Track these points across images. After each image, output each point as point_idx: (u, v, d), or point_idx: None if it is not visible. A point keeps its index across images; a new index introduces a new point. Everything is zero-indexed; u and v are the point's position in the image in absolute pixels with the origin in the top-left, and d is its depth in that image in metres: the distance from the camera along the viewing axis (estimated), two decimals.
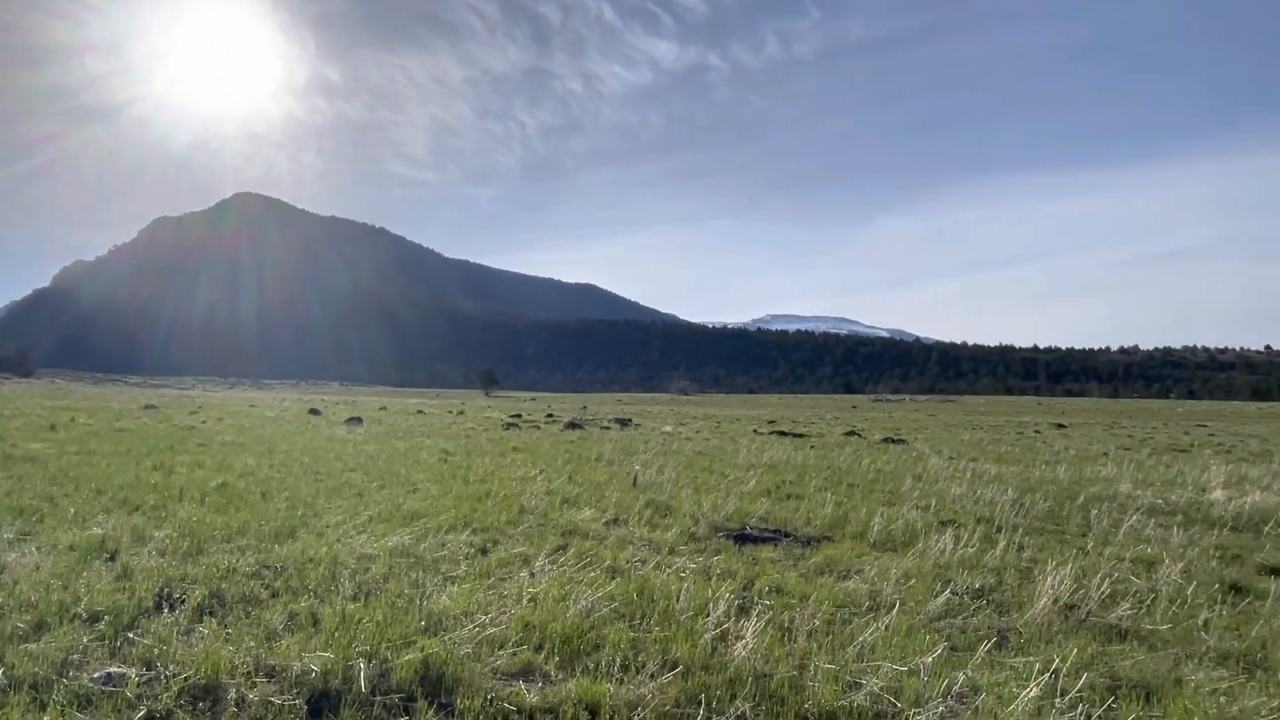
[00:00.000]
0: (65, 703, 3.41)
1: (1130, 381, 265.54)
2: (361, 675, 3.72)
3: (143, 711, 3.39)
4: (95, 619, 4.42)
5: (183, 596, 4.91)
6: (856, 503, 9.76)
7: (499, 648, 4.22)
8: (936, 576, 6.12)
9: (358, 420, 27.41)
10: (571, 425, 27.71)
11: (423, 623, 4.51)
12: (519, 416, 35.96)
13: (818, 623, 4.84)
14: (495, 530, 7.36)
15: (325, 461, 12.86)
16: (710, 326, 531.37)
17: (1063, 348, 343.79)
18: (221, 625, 4.44)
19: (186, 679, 3.64)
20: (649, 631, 4.57)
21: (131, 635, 4.21)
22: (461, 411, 42.47)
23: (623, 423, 32.11)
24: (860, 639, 4.48)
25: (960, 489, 11.14)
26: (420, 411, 40.92)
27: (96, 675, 3.65)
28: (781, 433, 27.35)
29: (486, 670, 3.96)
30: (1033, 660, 4.26)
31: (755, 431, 28.26)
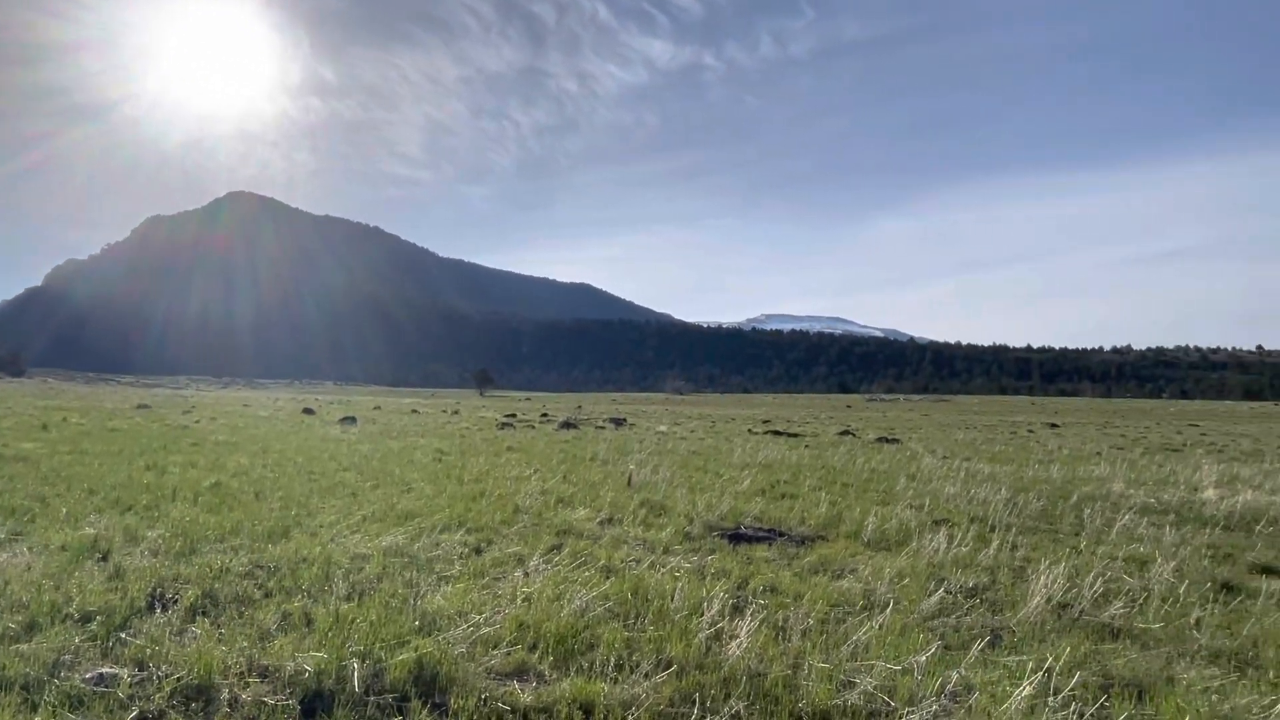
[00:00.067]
0: (57, 703, 3.39)
1: (1123, 381, 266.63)
2: (355, 675, 3.71)
3: (135, 712, 3.37)
4: (87, 619, 4.40)
5: (175, 596, 4.89)
6: (851, 502, 9.78)
7: (493, 647, 4.22)
8: (930, 575, 6.14)
9: (352, 420, 27.35)
10: (566, 425, 27.70)
11: (417, 622, 4.50)
12: (514, 416, 35.93)
13: (812, 622, 4.85)
14: (489, 530, 7.35)
15: (319, 461, 12.82)
16: (705, 326, 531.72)
17: (1056, 348, 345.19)
18: (214, 625, 4.43)
19: (179, 679, 3.63)
20: (643, 631, 4.58)
21: (124, 635, 4.19)
22: (456, 411, 42.40)
23: (617, 422, 32.11)
24: (854, 638, 4.49)
25: (954, 488, 11.17)
26: (415, 411, 40.84)
27: (88, 676, 3.64)
28: (776, 432, 27.39)
29: (480, 670, 3.96)
30: (1026, 659, 4.27)
31: (750, 431, 28.29)
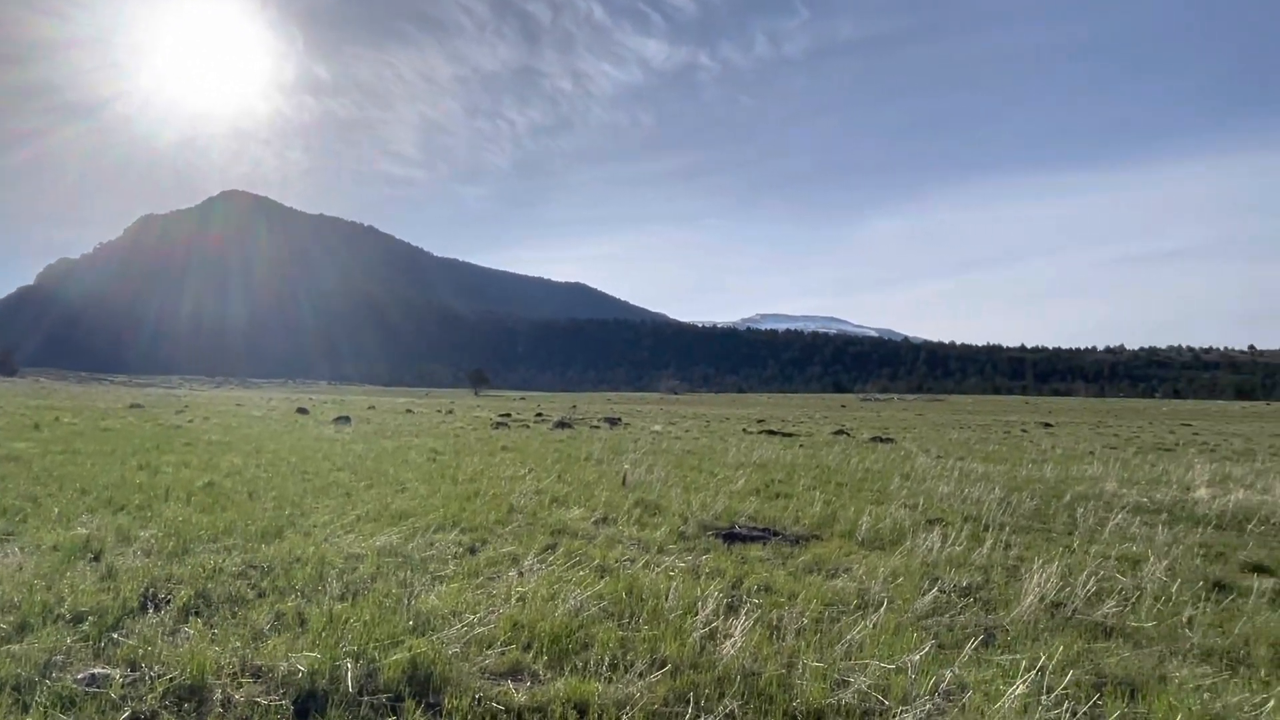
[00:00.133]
0: (48, 704, 3.37)
1: (1116, 381, 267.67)
2: (349, 675, 3.70)
3: (127, 713, 3.36)
4: (79, 620, 4.38)
5: (168, 597, 4.87)
6: (845, 501, 9.79)
7: (487, 647, 4.21)
8: (924, 575, 6.15)
9: (346, 419, 27.29)
10: (561, 424, 27.68)
11: (410, 622, 4.49)
12: (508, 415, 35.89)
13: (806, 621, 4.86)
14: (484, 529, 7.34)
15: (313, 461, 12.79)
16: (700, 326, 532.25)
17: (1050, 348, 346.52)
18: (207, 625, 4.41)
19: (172, 680, 3.61)
20: (638, 630, 4.57)
21: (116, 636, 4.17)
22: (450, 411, 42.33)
23: (612, 422, 32.11)
24: (848, 637, 4.50)
25: (948, 488, 11.19)
26: (409, 411, 40.75)
27: (80, 676, 3.62)
28: (770, 432, 27.41)
29: (474, 670, 3.95)
30: (1019, 658, 4.28)
31: (744, 430, 28.31)
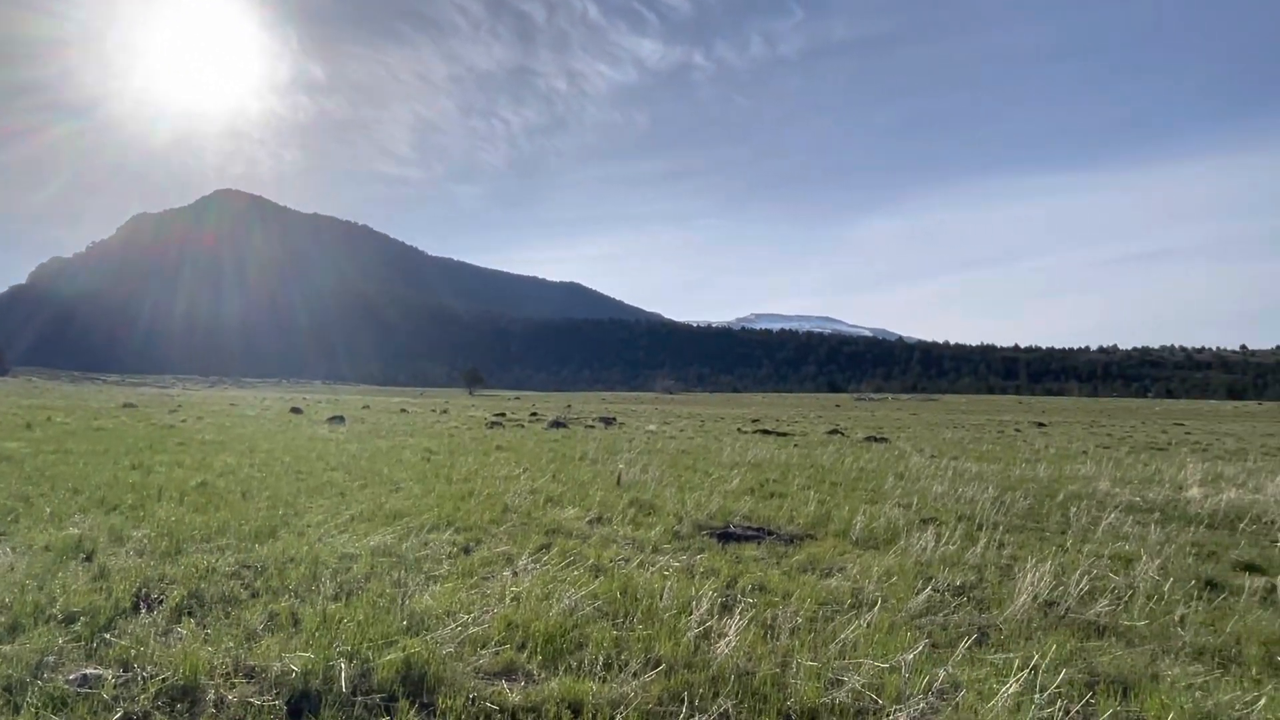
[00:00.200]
0: (40, 705, 3.36)
1: (1109, 381, 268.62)
2: (342, 675, 3.69)
3: (120, 713, 3.35)
4: (71, 620, 4.36)
5: (161, 597, 4.86)
6: (839, 501, 9.81)
7: (481, 647, 4.21)
8: (918, 574, 6.17)
9: (340, 419, 27.23)
10: (556, 424, 27.66)
11: (405, 622, 4.48)
12: (503, 415, 35.86)
13: (800, 620, 4.87)
14: (478, 529, 7.34)
15: (307, 460, 12.76)
16: (695, 325, 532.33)
17: (1043, 347, 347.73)
18: (200, 626, 4.40)
19: (164, 680, 3.60)
20: (632, 630, 4.58)
21: (108, 636, 4.16)
22: (445, 410, 42.27)
23: (607, 421, 32.09)
24: (842, 636, 4.51)
25: (942, 487, 11.22)
26: (403, 410, 40.69)
27: (72, 677, 3.61)
28: (765, 431, 27.45)
29: (469, 670, 3.95)
30: (1012, 657, 4.30)
31: (739, 430, 28.33)
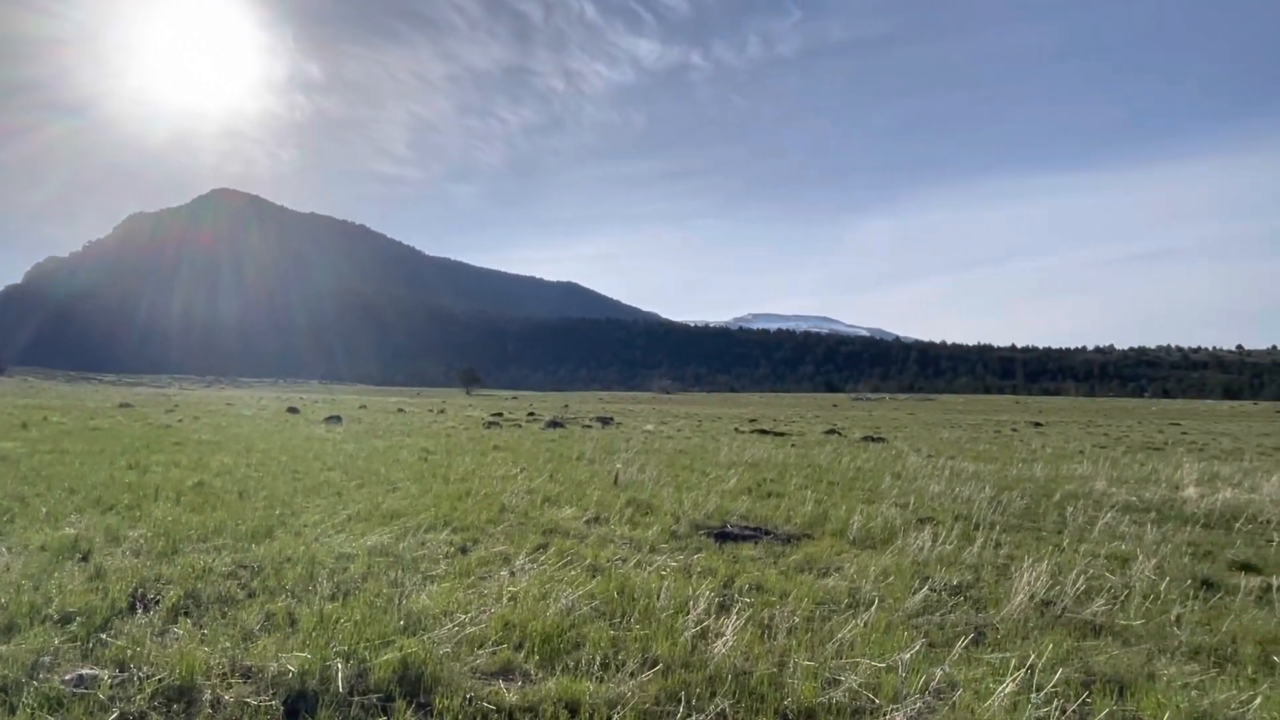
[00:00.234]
0: (36, 705, 3.35)
1: (1106, 381, 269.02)
2: (339, 675, 3.69)
3: (115, 714, 3.34)
4: (67, 620, 4.35)
5: (157, 597, 4.84)
6: (836, 500, 9.82)
7: (478, 647, 4.21)
8: (915, 574, 6.17)
9: (337, 419, 27.20)
10: (553, 424, 27.65)
11: (401, 622, 4.48)
12: (500, 415, 35.84)
13: (797, 620, 4.87)
14: (475, 529, 7.33)
15: (303, 460, 12.74)
16: (692, 325, 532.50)
17: (1040, 347, 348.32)
18: (197, 626, 4.39)
19: (161, 680, 3.59)
20: (629, 630, 4.58)
21: (104, 636, 4.15)
22: (442, 410, 42.24)
23: (604, 421, 32.09)
24: (839, 636, 4.51)
25: (939, 487, 11.24)
26: (401, 410, 40.66)
27: (68, 677, 3.60)
28: (762, 431, 27.46)
29: (466, 669, 3.95)
30: (1009, 656, 4.30)
31: (736, 430, 28.34)
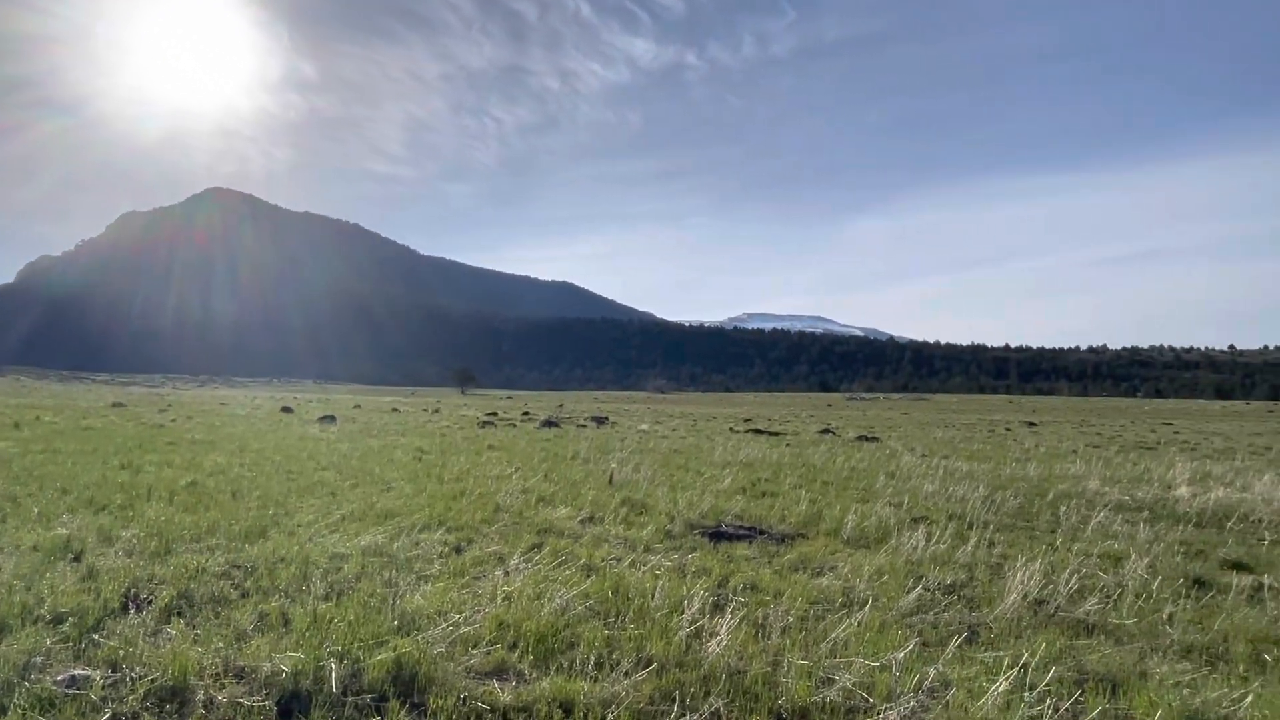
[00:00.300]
0: (27, 706, 3.34)
1: (1099, 380, 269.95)
2: (333, 675, 3.68)
3: (108, 714, 3.33)
4: (59, 621, 4.33)
5: (150, 597, 4.83)
6: (831, 500, 9.83)
7: (472, 647, 4.20)
8: (909, 573, 6.19)
9: (331, 418, 27.14)
10: (548, 423, 27.64)
11: (395, 622, 4.47)
12: (495, 414, 35.80)
13: (791, 619, 4.88)
14: (470, 529, 7.32)
15: (297, 460, 12.71)
16: (687, 325, 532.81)
17: (1033, 347, 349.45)
18: (190, 626, 4.38)
19: (153, 681, 3.58)
20: (624, 629, 4.58)
21: (97, 637, 4.13)
22: (437, 409, 42.18)
23: (599, 421, 32.09)
24: (833, 635, 4.52)
25: (932, 486, 11.26)
26: (395, 409, 40.58)
27: (60, 678, 3.58)
28: (757, 431, 27.49)
29: (460, 669, 3.94)
30: (1002, 655, 4.32)
31: (731, 429, 28.37)
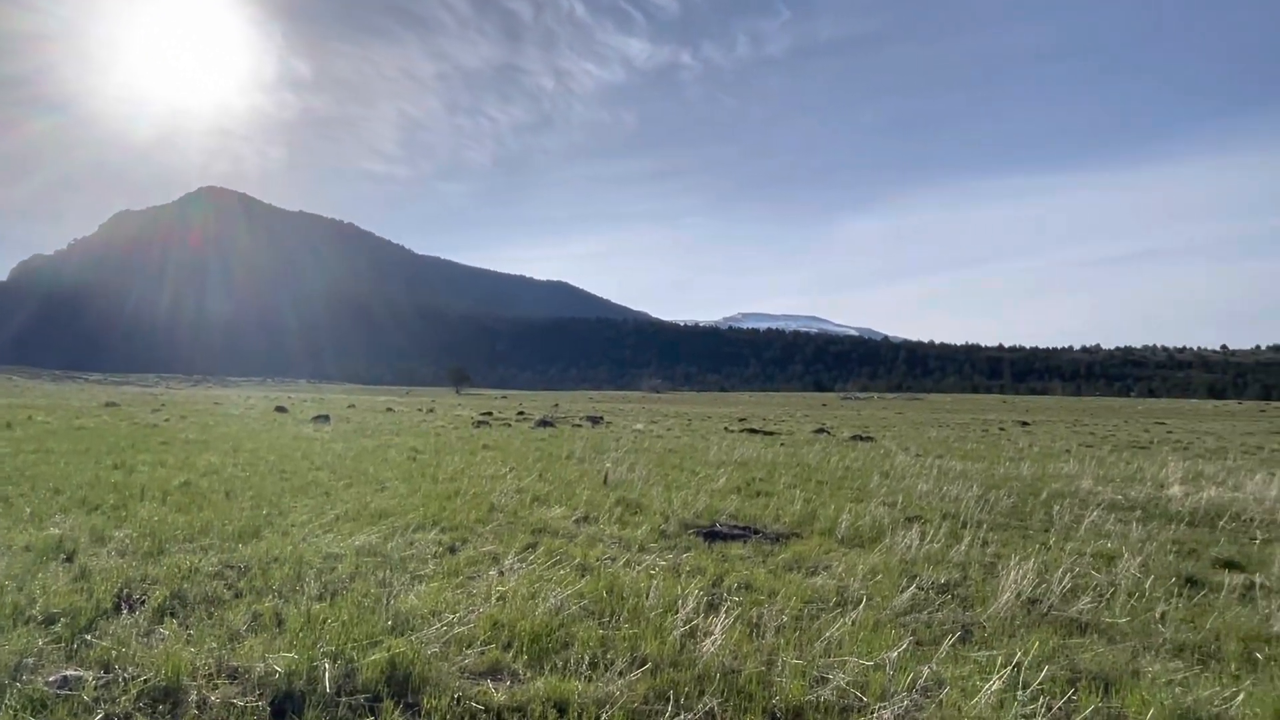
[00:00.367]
0: (19, 707, 3.32)
1: (1092, 380, 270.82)
2: (326, 676, 3.67)
3: (100, 715, 3.31)
4: (51, 621, 4.31)
5: (143, 597, 4.81)
6: (825, 499, 9.85)
7: (467, 646, 4.20)
8: (903, 572, 6.20)
9: (325, 418, 27.07)
10: (543, 423, 27.61)
11: (389, 622, 4.46)
12: (490, 414, 35.75)
13: (786, 619, 4.88)
14: (464, 529, 7.32)
15: (291, 460, 12.67)
16: (682, 324, 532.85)
17: (1027, 347, 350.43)
18: (183, 626, 4.36)
19: (146, 681, 3.57)
20: (618, 629, 4.58)
21: (89, 637, 4.12)
22: (431, 409, 42.11)
23: (594, 420, 32.07)
24: (827, 634, 4.53)
25: (926, 486, 11.29)
26: (389, 409, 40.51)
27: (52, 679, 3.57)
28: (752, 430, 27.51)
29: (454, 669, 3.94)
30: (996, 654, 4.33)
31: (726, 429, 28.39)
